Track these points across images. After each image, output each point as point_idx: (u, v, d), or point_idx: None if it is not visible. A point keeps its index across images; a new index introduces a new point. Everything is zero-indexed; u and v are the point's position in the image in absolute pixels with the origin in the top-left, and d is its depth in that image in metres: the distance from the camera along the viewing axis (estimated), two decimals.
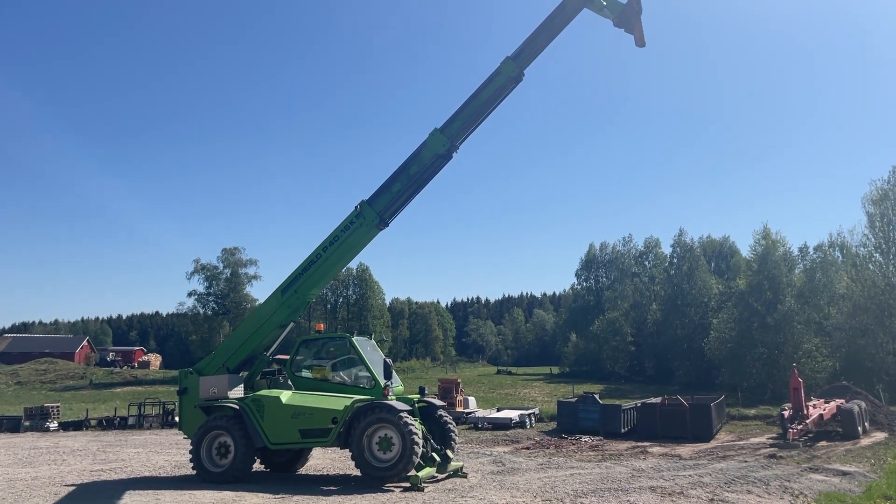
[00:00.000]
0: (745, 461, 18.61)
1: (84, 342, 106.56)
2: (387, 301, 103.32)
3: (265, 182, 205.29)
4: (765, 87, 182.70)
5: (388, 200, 15.26)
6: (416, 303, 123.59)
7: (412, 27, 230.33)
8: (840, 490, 13.61)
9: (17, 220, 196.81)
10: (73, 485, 14.23)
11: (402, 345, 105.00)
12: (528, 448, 22.67)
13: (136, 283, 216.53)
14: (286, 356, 15.87)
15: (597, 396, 29.82)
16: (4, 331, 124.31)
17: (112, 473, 16.43)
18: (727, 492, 13.15)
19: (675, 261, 76.45)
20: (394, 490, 12.74)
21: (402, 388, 15.34)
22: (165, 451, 21.84)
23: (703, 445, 23.19)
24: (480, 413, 33.51)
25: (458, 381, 38.43)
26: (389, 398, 13.85)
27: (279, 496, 12.08)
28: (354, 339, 15.21)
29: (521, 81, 15.29)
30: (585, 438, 25.33)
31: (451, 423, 15.29)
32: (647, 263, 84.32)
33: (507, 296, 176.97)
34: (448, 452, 14.55)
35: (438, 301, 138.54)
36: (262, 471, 15.77)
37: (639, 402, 29.82)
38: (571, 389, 48.55)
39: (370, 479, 13.31)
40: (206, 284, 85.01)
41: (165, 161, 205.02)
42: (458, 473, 14.73)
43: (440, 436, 14.76)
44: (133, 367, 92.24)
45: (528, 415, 32.24)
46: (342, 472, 16.04)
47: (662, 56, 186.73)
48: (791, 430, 22.57)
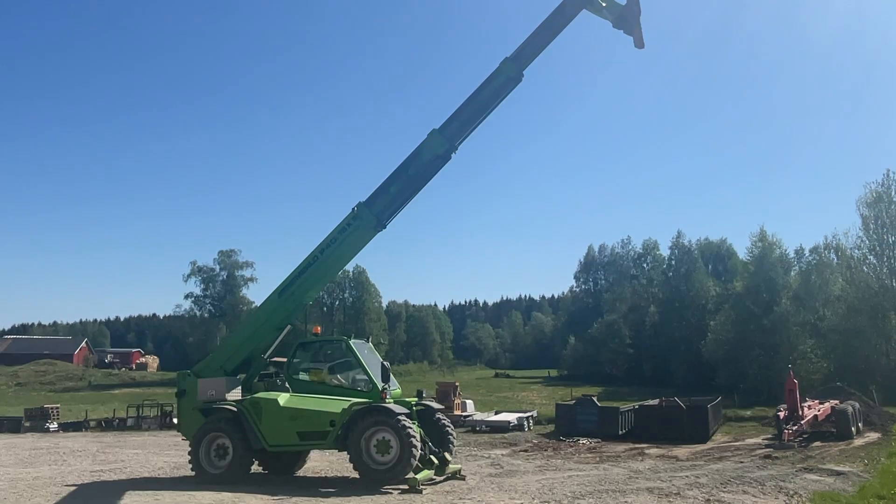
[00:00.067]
0: (741, 462, 18.69)
1: (83, 344, 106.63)
2: (384, 304, 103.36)
3: (262, 184, 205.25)
4: (762, 90, 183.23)
5: (386, 202, 15.22)
6: (414, 305, 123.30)
7: (412, 27, 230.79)
8: (834, 490, 13.69)
9: (17, 223, 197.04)
10: (74, 485, 14.30)
11: (400, 348, 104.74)
12: (527, 450, 22.70)
13: (134, 286, 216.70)
14: (284, 359, 15.89)
15: (595, 399, 29.88)
16: (4, 332, 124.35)
17: (112, 474, 16.48)
18: (723, 492, 13.20)
19: (674, 263, 76.75)
20: (392, 492, 12.76)
21: (400, 392, 15.35)
22: (164, 453, 21.85)
23: (700, 447, 23.24)
24: (478, 416, 33.54)
25: (456, 385, 38.49)
26: (387, 401, 13.85)
27: (277, 498, 12.12)
28: (352, 342, 15.24)
29: (521, 82, 15.27)
30: (583, 441, 25.38)
31: (449, 426, 15.32)
32: (646, 265, 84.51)
33: (505, 298, 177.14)
34: (446, 455, 14.53)
35: (436, 304, 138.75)
36: (261, 472, 15.78)
37: (636, 405, 29.90)
38: (569, 392, 48.68)
39: (368, 482, 13.35)
40: (203, 287, 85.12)
41: (164, 163, 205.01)
42: (456, 476, 14.74)
43: (438, 439, 14.77)
44: (131, 369, 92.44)
45: (526, 418, 32.27)
46: (340, 475, 16.04)
47: (660, 58, 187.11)
48: (786, 431, 22.66)
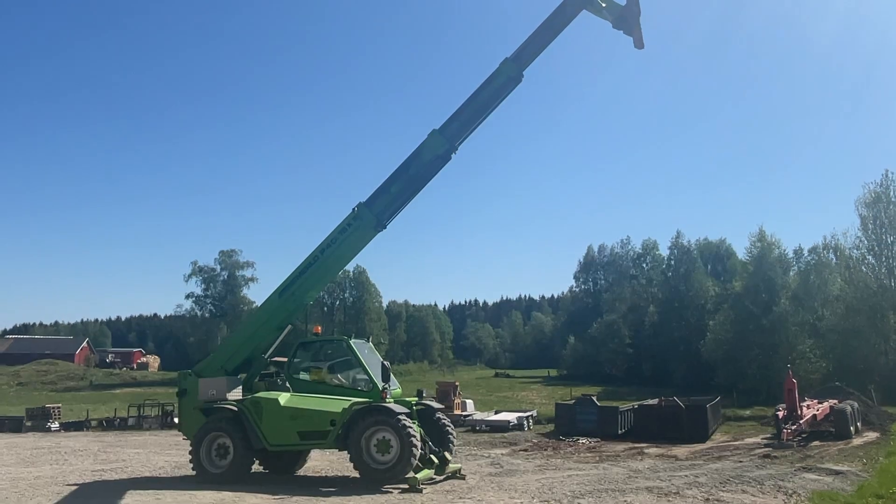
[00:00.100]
0: (741, 461, 18.75)
1: (84, 344, 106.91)
2: (384, 304, 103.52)
3: (263, 184, 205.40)
4: (761, 91, 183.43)
5: (386, 202, 15.24)
6: (414, 305, 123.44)
7: (413, 27, 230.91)
8: (833, 489, 13.74)
9: (18, 224, 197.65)
10: (75, 484, 14.35)
11: (400, 348, 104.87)
12: (526, 450, 22.76)
13: (135, 286, 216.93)
14: (284, 358, 15.96)
15: (594, 398, 29.96)
16: (6, 332, 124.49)
17: (113, 473, 16.55)
18: (722, 491, 13.26)
19: (673, 263, 76.80)
20: (392, 492, 12.81)
21: (401, 391, 15.40)
22: (165, 452, 21.92)
23: (699, 446, 23.33)
24: (478, 415, 33.62)
25: (456, 384, 38.57)
26: (387, 401, 13.90)
27: (278, 497, 12.17)
28: (352, 342, 15.29)
29: (521, 82, 15.28)
30: (583, 440, 25.44)
31: (449, 426, 15.37)
32: (645, 266, 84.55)
33: (505, 298, 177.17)
34: (446, 454, 14.60)
35: (436, 304, 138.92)
36: (262, 472, 15.84)
37: (636, 404, 29.97)
38: (569, 392, 48.72)
39: (369, 481, 13.40)
40: (204, 287, 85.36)
41: (165, 163, 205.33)
42: (456, 475, 14.79)
43: (438, 438, 14.82)
44: (132, 369, 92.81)
45: (526, 417, 32.35)
46: (341, 474, 16.10)
47: (660, 58, 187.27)
48: (785, 431, 22.74)
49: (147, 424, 35.48)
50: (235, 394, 15.03)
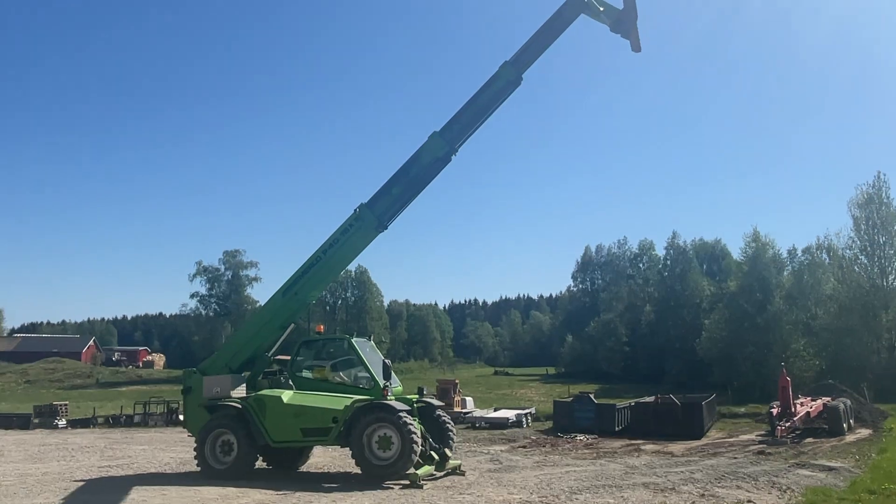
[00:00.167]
0: (735, 458, 18.89)
1: (90, 342, 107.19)
2: (385, 303, 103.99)
3: (266, 185, 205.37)
4: (755, 93, 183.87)
5: (388, 203, 15.40)
6: (414, 305, 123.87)
7: (415, 30, 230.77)
8: (826, 485, 13.84)
9: (25, 225, 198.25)
10: (82, 480, 14.52)
11: (401, 346, 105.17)
12: (525, 446, 22.90)
13: (141, 285, 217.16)
14: (287, 357, 16.13)
15: (592, 396, 30.13)
16: (14, 331, 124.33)
17: (119, 470, 16.71)
18: (717, 487, 13.38)
19: (669, 263, 77.25)
20: (393, 487, 12.99)
21: (402, 389, 15.57)
22: (170, 449, 22.09)
23: (695, 443, 23.45)
24: (478, 413, 33.80)
25: (456, 382, 38.74)
26: (389, 398, 14.08)
27: (281, 492, 12.32)
28: (354, 341, 15.47)
29: (520, 85, 15.46)
30: (581, 437, 25.57)
31: (450, 423, 15.56)
32: (642, 265, 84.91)
33: (505, 298, 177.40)
34: (446, 451, 14.79)
35: (436, 303, 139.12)
36: (265, 468, 16.00)
37: (633, 402, 30.12)
38: (567, 389, 48.96)
39: (370, 477, 13.58)
40: (209, 286, 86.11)
41: (170, 164, 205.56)
42: (456, 471, 14.97)
43: (438, 435, 15.00)
44: (138, 367, 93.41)
45: (525, 414, 32.54)
46: (343, 470, 16.27)
47: (656, 61, 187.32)
48: (779, 428, 22.88)
49: (153, 422, 35.63)
50: (239, 391, 15.17)
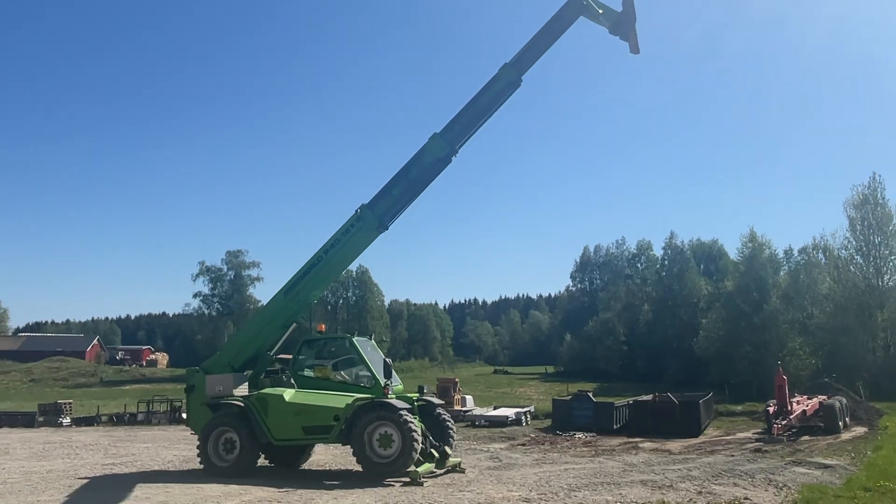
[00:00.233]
0: (732, 455, 18.97)
1: (94, 341, 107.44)
2: (386, 302, 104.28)
3: (268, 185, 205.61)
4: (752, 95, 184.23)
5: (388, 204, 15.45)
6: (415, 304, 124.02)
7: (416, 32, 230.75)
8: (822, 482, 13.88)
9: (30, 226, 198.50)
10: (86, 478, 14.64)
11: (401, 345, 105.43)
12: (524, 444, 23.01)
13: (144, 285, 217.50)
14: (289, 355, 16.25)
15: (590, 394, 30.24)
16: (19, 330, 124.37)
17: (123, 467, 16.82)
18: (714, 485, 13.44)
19: (667, 263, 77.57)
20: (394, 485, 13.09)
21: (402, 387, 15.65)
22: (173, 447, 22.21)
23: (692, 441, 23.53)
24: (478, 411, 33.98)
25: (456, 381, 38.88)
26: (389, 397, 14.18)
27: (283, 490, 12.42)
28: (355, 340, 15.55)
29: (520, 87, 15.54)
30: (579, 435, 25.68)
31: (450, 421, 15.66)
32: (640, 265, 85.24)
33: (504, 297, 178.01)
34: (446, 449, 14.88)
35: (436, 302, 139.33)
36: (267, 465, 16.11)
37: (631, 400, 30.25)
38: (566, 388, 49.09)
39: (371, 475, 13.67)
40: (211, 286, 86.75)
41: (173, 165, 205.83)
42: (456, 469, 15.04)
43: (439, 433, 15.11)
44: (141, 366, 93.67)
45: (524, 412, 32.71)
46: (344, 468, 16.39)
47: (654, 62, 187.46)
48: (776, 426, 23.01)
49: (156, 420, 35.83)
50: (242, 390, 15.26)
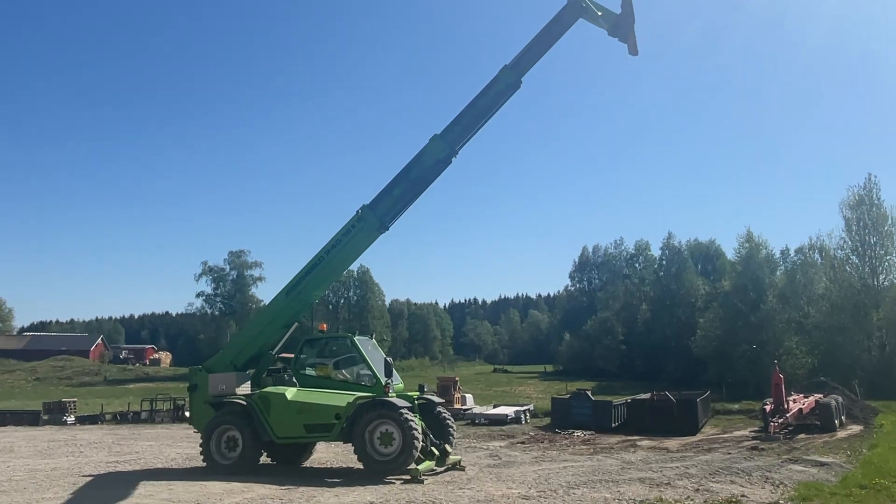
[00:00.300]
0: (729, 453, 19.07)
1: (98, 340, 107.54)
2: (387, 302, 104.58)
3: (271, 186, 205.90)
4: (749, 96, 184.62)
5: (389, 205, 15.57)
6: (415, 304, 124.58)
7: (417, 34, 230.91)
8: (818, 480, 13.99)
9: (34, 226, 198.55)
10: (91, 475, 14.76)
11: (402, 344, 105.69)
12: (523, 442, 23.10)
13: (148, 285, 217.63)
14: (291, 354, 16.35)
15: (589, 393, 30.33)
16: (23, 329, 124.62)
17: (127, 465, 16.93)
18: (712, 482, 13.54)
19: (664, 263, 77.85)
20: (395, 482, 13.19)
21: (403, 386, 15.77)
22: (177, 445, 22.30)
23: (690, 439, 23.62)
24: (477, 409, 34.03)
25: (456, 379, 38.90)
26: (390, 395, 14.30)
27: (285, 487, 12.52)
28: (356, 339, 15.68)
29: (519, 88, 15.64)
30: (578, 433, 25.73)
31: (450, 419, 15.76)
32: (638, 265, 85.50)
33: (503, 297, 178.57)
34: (446, 447, 15.00)
35: (437, 302, 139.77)
36: (269, 463, 16.21)
37: (629, 399, 30.36)
38: (565, 387, 49.21)
39: (372, 472, 13.80)
40: (214, 286, 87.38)
41: (176, 165, 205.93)
42: (457, 467, 15.15)
43: (439, 431, 15.21)
44: (145, 365, 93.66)
45: (523, 411, 32.77)
46: (345, 466, 16.51)
47: (652, 64, 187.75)
48: (772, 424, 23.03)
49: (159, 418, 35.79)
50: (244, 389, 15.38)
